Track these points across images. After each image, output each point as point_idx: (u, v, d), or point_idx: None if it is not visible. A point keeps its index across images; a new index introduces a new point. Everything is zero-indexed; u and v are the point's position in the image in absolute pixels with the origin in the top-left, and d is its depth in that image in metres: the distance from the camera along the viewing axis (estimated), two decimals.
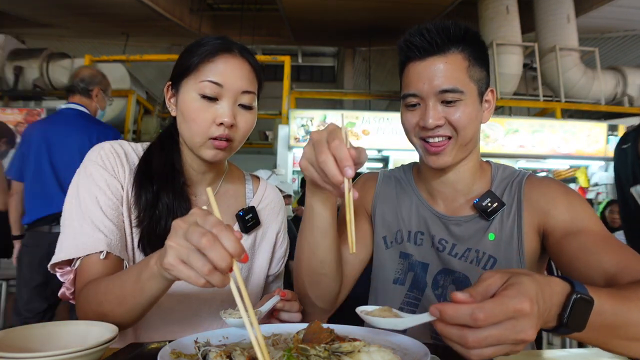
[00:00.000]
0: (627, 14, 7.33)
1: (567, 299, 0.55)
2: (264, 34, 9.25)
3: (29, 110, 6.05)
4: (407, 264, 1.03)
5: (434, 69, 0.90)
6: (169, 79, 0.97)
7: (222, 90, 0.89)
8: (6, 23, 8.05)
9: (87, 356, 0.58)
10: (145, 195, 0.92)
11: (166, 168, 0.95)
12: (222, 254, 0.54)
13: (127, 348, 0.71)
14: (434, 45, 0.90)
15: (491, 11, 7.09)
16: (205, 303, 0.97)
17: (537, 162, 6.53)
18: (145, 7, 7.26)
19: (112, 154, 0.94)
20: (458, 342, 0.50)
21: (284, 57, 6.34)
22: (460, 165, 0.98)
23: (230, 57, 0.91)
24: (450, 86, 0.89)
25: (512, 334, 0.48)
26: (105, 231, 0.85)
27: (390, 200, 1.11)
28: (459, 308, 0.49)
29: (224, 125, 0.89)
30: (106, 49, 8.79)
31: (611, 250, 0.79)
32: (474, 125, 0.93)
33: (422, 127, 0.92)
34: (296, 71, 11.73)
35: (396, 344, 0.65)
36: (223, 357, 0.58)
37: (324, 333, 0.62)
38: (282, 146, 6.12)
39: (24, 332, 0.66)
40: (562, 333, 0.58)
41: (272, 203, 1.13)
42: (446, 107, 0.90)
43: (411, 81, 0.93)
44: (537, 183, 0.97)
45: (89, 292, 0.79)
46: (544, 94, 7.15)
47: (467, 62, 0.91)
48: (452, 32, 0.90)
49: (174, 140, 0.99)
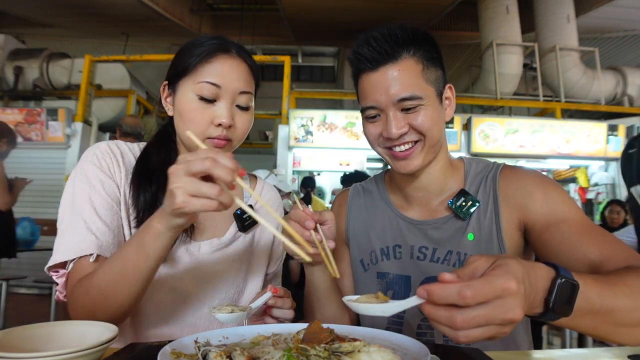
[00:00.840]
0: (627, 14, 7.33)
1: (552, 283, 0.56)
2: (264, 34, 9.25)
3: (29, 110, 6.05)
4: (384, 283, 1.01)
5: (388, 78, 0.88)
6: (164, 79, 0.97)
7: (220, 91, 0.89)
8: (6, 23, 8.05)
9: (87, 356, 0.58)
10: (144, 195, 0.91)
11: (164, 167, 0.94)
12: (225, 169, 0.63)
13: (127, 348, 0.71)
14: (383, 54, 0.88)
15: (491, 11, 7.09)
16: (204, 303, 0.97)
17: (537, 162, 6.53)
18: (145, 7, 7.26)
19: (108, 154, 0.93)
20: (446, 324, 0.50)
21: (284, 57, 6.34)
22: (430, 167, 0.96)
23: (228, 57, 0.91)
24: (408, 93, 0.87)
25: (500, 313, 0.48)
26: (97, 233, 0.85)
27: (360, 219, 1.09)
28: (446, 287, 0.49)
29: (222, 126, 0.88)
30: (106, 49, 8.80)
31: (594, 240, 0.79)
32: (438, 126, 0.91)
33: (386, 137, 0.90)
34: (296, 71, 11.74)
35: (396, 343, 0.65)
36: (223, 357, 0.58)
37: (324, 333, 0.62)
38: (282, 146, 6.12)
39: (24, 332, 0.66)
40: (550, 319, 0.58)
41: (269, 201, 1.13)
42: (407, 114, 0.88)
43: (367, 93, 0.91)
44: (511, 176, 0.95)
45: (80, 289, 0.79)
46: (544, 94, 7.15)
47: (420, 65, 0.89)
48: (401, 37, 0.88)
49: (171, 140, 0.99)
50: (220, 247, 0.99)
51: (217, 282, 0.98)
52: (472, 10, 7.62)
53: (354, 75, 0.96)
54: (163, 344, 0.63)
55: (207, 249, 0.97)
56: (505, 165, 0.99)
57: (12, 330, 0.66)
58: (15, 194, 3.32)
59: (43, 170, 5.80)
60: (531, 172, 0.95)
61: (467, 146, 6.13)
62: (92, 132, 6.18)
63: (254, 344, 0.66)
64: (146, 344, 0.72)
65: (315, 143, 6.00)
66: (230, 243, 1.01)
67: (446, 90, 0.95)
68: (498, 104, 7.06)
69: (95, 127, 6.22)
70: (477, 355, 0.69)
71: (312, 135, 6.00)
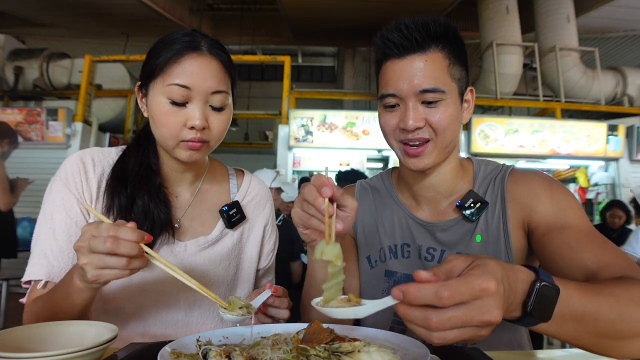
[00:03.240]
0: (627, 14, 7.33)
1: (531, 286, 0.54)
2: (264, 34, 9.25)
3: (29, 110, 6.05)
4: (392, 282, 0.99)
5: (413, 68, 0.86)
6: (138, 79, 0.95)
7: (190, 93, 0.85)
8: (6, 23, 8.05)
9: (87, 356, 0.58)
10: (119, 198, 0.90)
11: (141, 169, 0.93)
12: (128, 246, 0.65)
13: (127, 348, 0.71)
14: (413, 42, 0.86)
15: (491, 11, 7.09)
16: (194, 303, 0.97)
17: (537, 162, 6.53)
18: (145, 7, 7.26)
19: (77, 165, 0.92)
20: (421, 325, 0.48)
21: (284, 57, 6.34)
22: (441, 167, 0.95)
23: (198, 56, 0.86)
24: (431, 86, 0.85)
25: (477, 315, 0.46)
26: (51, 257, 0.86)
27: (369, 215, 1.06)
28: (422, 287, 0.47)
29: (195, 129, 0.86)
30: (106, 49, 8.79)
31: (593, 247, 0.77)
32: (454, 126, 0.89)
33: (402, 129, 0.89)
34: (296, 71, 11.73)
35: (396, 344, 0.65)
36: (222, 357, 0.58)
37: (324, 333, 0.62)
38: (282, 146, 6.12)
39: (24, 332, 0.66)
40: (528, 324, 0.56)
41: (257, 196, 1.10)
42: (427, 108, 0.87)
43: (389, 80, 0.89)
44: (520, 177, 0.94)
45: (30, 309, 0.86)
46: (544, 94, 7.15)
47: (447, 61, 0.87)
48: (432, 29, 0.86)
49: (151, 140, 0.97)
50: (207, 246, 0.98)
51: (206, 282, 0.97)
52: (472, 10, 7.62)
53: (378, 61, 0.94)
54: (163, 343, 0.63)
55: (193, 249, 0.96)
56: (514, 167, 0.98)
57: (12, 330, 0.66)
58: (17, 194, 3.31)
59: (43, 170, 5.78)
60: (540, 175, 0.94)
61: (467, 146, 6.13)
62: (92, 132, 6.18)
63: (256, 344, 0.66)
64: (146, 344, 0.72)
65: (315, 143, 6.00)
66: (217, 241, 1.00)
67: (467, 92, 0.94)
68: (498, 104, 7.06)
69: (95, 127, 6.22)
70: (477, 355, 0.69)
71: (312, 135, 6.00)
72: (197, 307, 0.97)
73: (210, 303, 0.98)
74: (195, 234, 0.98)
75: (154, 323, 0.94)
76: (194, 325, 0.97)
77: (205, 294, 0.73)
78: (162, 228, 0.92)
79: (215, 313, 0.99)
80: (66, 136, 5.90)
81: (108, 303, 0.90)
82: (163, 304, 0.94)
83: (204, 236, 0.98)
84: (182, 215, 0.99)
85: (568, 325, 0.57)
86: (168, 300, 0.94)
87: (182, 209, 0.99)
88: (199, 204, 1.01)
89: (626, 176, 6.36)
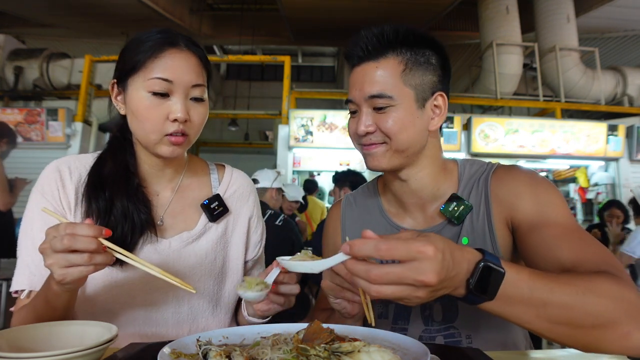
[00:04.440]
0: (627, 14, 7.34)
1: (475, 266, 0.59)
2: (264, 34, 9.25)
3: (29, 110, 6.05)
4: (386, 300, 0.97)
5: (365, 75, 0.90)
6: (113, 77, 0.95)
7: (172, 86, 0.87)
8: (6, 23, 8.05)
9: (87, 356, 0.58)
10: (97, 203, 0.90)
11: (118, 172, 0.94)
12: (85, 241, 0.67)
13: (127, 348, 0.71)
14: (366, 52, 0.90)
15: (491, 11, 7.09)
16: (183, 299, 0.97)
17: (537, 162, 6.53)
18: (145, 7, 7.27)
19: (53, 175, 0.93)
20: (363, 277, 0.55)
21: (284, 57, 6.34)
22: (416, 173, 0.95)
23: (177, 51, 0.89)
24: (377, 92, 0.87)
25: (412, 274, 0.53)
26: (32, 266, 0.88)
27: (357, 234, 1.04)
28: (365, 241, 0.55)
29: (178, 121, 0.87)
30: (106, 49, 8.79)
31: (571, 244, 0.77)
32: (410, 132, 0.89)
33: (357, 133, 0.92)
34: (296, 71, 11.75)
35: (396, 343, 0.65)
36: (222, 357, 0.58)
37: (324, 333, 0.62)
38: (282, 146, 6.12)
39: (24, 332, 0.66)
40: (473, 301, 0.60)
41: (240, 189, 1.10)
42: (378, 114, 0.89)
43: (350, 88, 0.93)
44: (503, 176, 0.93)
45: (15, 320, 0.88)
46: (544, 94, 7.15)
47: (402, 67, 0.88)
48: (386, 37, 0.89)
49: (127, 141, 0.97)
50: (191, 241, 0.98)
51: (192, 277, 0.97)
52: (472, 10, 7.62)
53: None
54: (163, 343, 0.63)
55: (177, 245, 0.96)
56: (499, 165, 0.97)
57: (12, 330, 0.66)
58: (15, 194, 3.31)
59: None
60: (524, 173, 0.93)
61: (467, 146, 6.13)
62: (92, 132, 6.18)
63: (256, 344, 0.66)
64: (146, 344, 0.72)
65: (315, 143, 6.00)
66: (202, 235, 1.00)
67: (436, 98, 0.92)
68: (498, 104, 7.07)
69: (95, 127, 6.21)
70: (477, 355, 0.69)
71: (312, 135, 5.99)
72: (187, 302, 0.97)
73: (200, 297, 0.98)
74: (178, 230, 0.98)
75: (144, 322, 0.94)
76: (185, 322, 0.97)
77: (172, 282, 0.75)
78: (143, 228, 0.92)
79: (205, 307, 0.99)
80: (66, 136, 5.90)
81: (94, 306, 0.90)
82: (152, 302, 0.94)
83: (187, 231, 0.98)
84: (164, 212, 0.99)
85: (516, 307, 0.61)
86: (157, 298, 0.94)
87: (163, 207, 0.99)
88: (180, 200, 1.01)
89: (626, 176, 6.36)
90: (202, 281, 0.99)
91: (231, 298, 1.04)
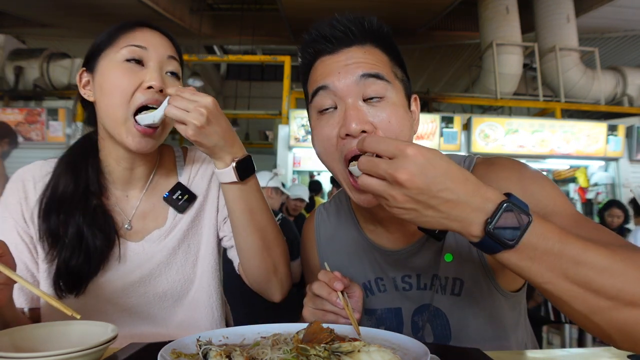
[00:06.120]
0: (627, 14, 7.33)
1: (498, 207, 0.52)
2: (264, 34, 9.25)
3: (29, 110, 6.06)
4: (374, 320, 0.91)
5: (350, 59, 0.73)
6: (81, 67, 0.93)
7: (146, 53, 0.84)
8: (6, 23, 8.05)
9: (87, 356, 0.58)
10: (48, 224, 0.85)
11: (75, 190, 0.88)
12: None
13: (127, 348, 0.71)
14: (349, 35, 0.74)
15: (491, 11, 7.09)
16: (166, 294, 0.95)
17: (537, 162, 6.53)
18: (146, 7, 7.27)
19: (16, 186, 0.90)
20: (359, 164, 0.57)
21: (284, 57, 6.35)
22: None
23: (149, 30, 0.88)
24: (373, 70, 0.72)
25: (387, 167, 0.53)
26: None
27: (335, 255, 0.96)
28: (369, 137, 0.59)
29: (153, 89, 0.82)
30: None
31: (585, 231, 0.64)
32: (407, 136, 0.75)
33: (344, 135, 0.71)
34: (296, 71, 11.70)
35: (396, 343, 0.65)
36: (222, 357, 0.58)
37: (324, 333, 0.62)
38: (282, 146, 6.12)
39: (24, 332, 0.66)
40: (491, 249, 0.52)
41: (202, 166, 1.03)
42: (371, 107, 0.72)
43: (319, 76, 0.75)
44: (484, 172, 0.78)
45: None
46: (544, 94, 7.15)
47: (388, 57, 0.77)
48: (367, 26, 0.76)
49: (89, 151, 0.93)
50: (164, 237, 0.95)
51: (168, 270, 0.94)
52: (472, 10, 7.61)
53: (306, 65, 0.80)
54: (163, 344, 0.63)
55: (152, 244, 0.94)
56: (478, 160, 0.83)
57: (12, 330, 0.66)
58: None
59: None
60: (506, 165, 0.79)
61: (467, 146, 6.14)
62: None
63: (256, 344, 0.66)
64: (146, 344, 0.72)
65: None
66: (173, 228, 0.96)
67: (415, 100, 0.83)
68: (498, 104, 7.07)
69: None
70: (477, 355, 0.69)
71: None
72: (185, 299, 0.97)
73: (198, 295, 0.97)
74: (149, 230, 0.95)
75: (140, 321, 0.93)
76: (184, 320, 0.96)
77: (57, 307, 0.66)
78: (101, 257, 0.87)
79: (203, 305, 0.98)
80: (66, 136, 5.91)
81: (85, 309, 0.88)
82: (148, 300, 0.93)
83: (158, 229, 0.95)
84: (132, 215, 0.95)
85: (541, 262, 0.52)
86: (153, 297, 0.93)
87: (133, 208, 0.95)
88: (150, 197, 0.97)
89: (626, 176, 6.37)
90: (181, 270, 0.96)
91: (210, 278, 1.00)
